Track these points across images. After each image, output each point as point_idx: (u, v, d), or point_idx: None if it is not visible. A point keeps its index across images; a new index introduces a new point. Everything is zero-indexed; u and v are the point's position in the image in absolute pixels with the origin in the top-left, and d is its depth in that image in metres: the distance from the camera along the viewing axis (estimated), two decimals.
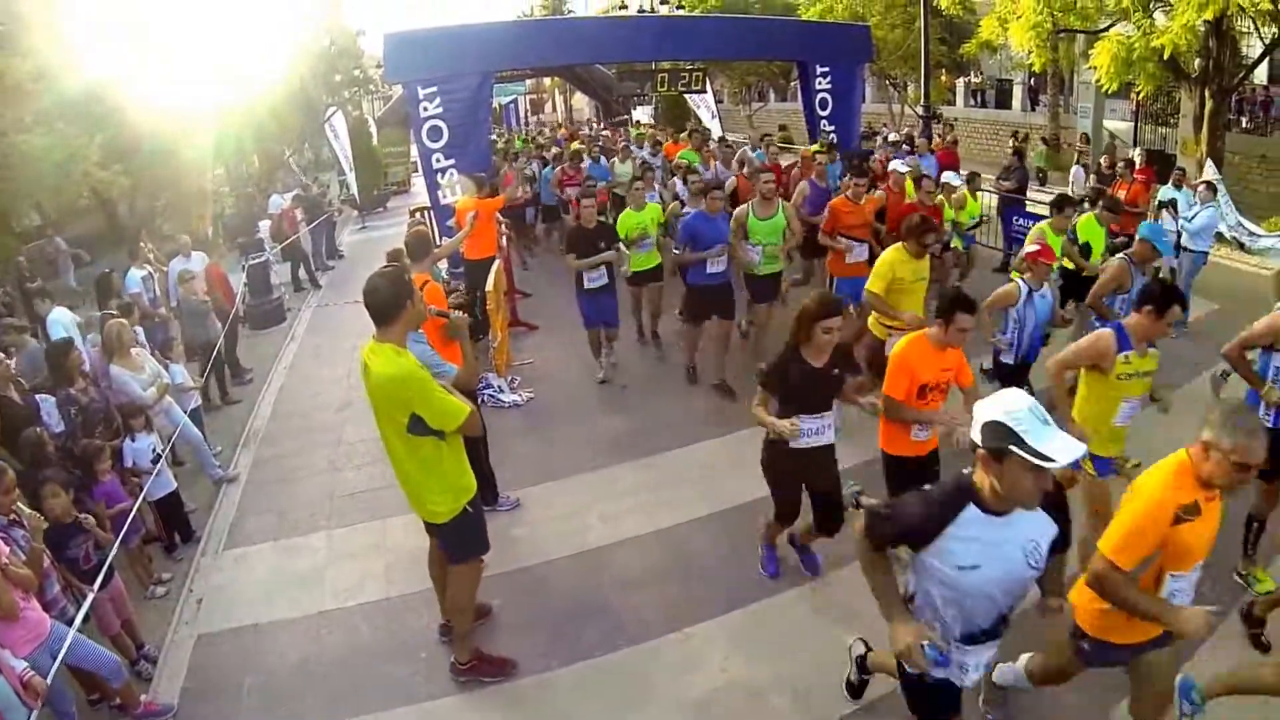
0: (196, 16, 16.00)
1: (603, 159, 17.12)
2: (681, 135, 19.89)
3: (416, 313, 4.85)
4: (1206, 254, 11.19)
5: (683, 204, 10.86)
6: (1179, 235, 11.33)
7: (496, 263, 10.65)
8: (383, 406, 4.71)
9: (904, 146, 15.54)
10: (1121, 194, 12.32)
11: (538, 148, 22.50)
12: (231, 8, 17.12)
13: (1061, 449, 3.01)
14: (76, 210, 20.33)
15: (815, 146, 14.23)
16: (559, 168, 16.57)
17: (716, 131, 24.63)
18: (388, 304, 4.64)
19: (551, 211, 16.95)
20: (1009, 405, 3.12)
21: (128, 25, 15.48)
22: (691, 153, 15.95)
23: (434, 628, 6.00)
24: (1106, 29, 16.19)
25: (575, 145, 19.86)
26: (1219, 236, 12.62)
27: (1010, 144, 18.90)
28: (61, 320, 9.47)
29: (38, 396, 7.47)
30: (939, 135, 18.56)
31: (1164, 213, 11.96)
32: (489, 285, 10.03)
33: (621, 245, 9.92)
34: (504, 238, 12.26)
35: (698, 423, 8.94)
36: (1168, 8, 14.65)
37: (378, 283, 4.68)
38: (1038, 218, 12.87)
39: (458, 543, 5.23)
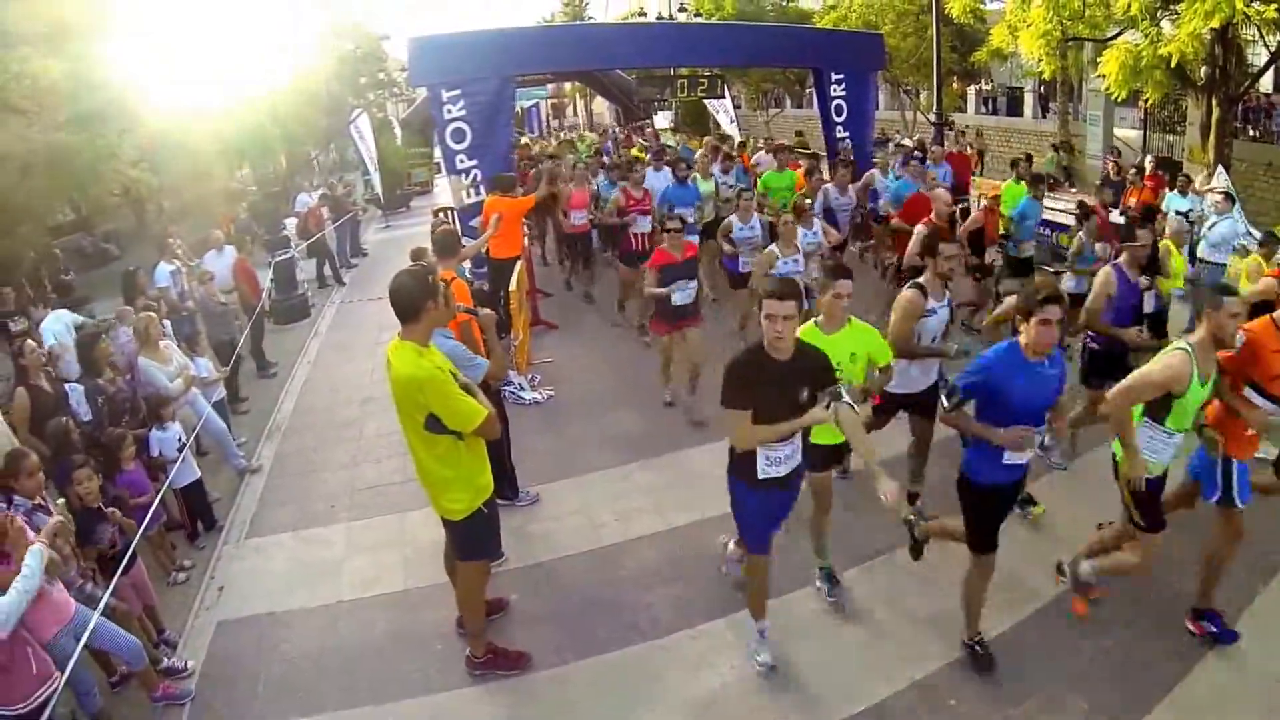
0: (222, 20, 16.00)
1: (694, 180, 12.14)
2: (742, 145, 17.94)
3: (442, 313, 4.80)
4: (1225, 266, 10.68)
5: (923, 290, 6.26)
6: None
7: (519, 263, 10.59)
8: (402, 404, 4.68)
9: (915, 153, 15.38)
10: (1133, 201, 12.20)
11: (595, 154, 18.36)
12: (257, 12, 17.12)
13: None
14: (106, 207, 20.44)
15: (1012, 183, 12.24)
16: (619, 187, 12.28)
17: (737, 137, 24.51)
18: (412, 303, 4.61)
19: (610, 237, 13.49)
20: None
21: (157, 28, 15.52)
22: (788, 175, 12.54)
23: (450, 621, 5.94)
24: (1114, 37, 16.02)
25: (633, 152, 17.64)
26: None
27: (1053, 154, 18.79)
28: (53, 328, 9.38)
29: (67, 386, 7.50)
30: (968, 144, 18.37)
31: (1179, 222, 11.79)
32: (512, 285, 9.98)
33: (846, 388, 4.83)
34: (526, 238, 12.13)
35: (711, 423, 8.82)
36: (1174, 16, 14.47)
37: (404, 281, 4.65)
38: (1054, 225, 12.69)
39: (468, 542, 5.19)
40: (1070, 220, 12.43)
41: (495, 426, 4.82)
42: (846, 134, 15.13)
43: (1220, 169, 14.30)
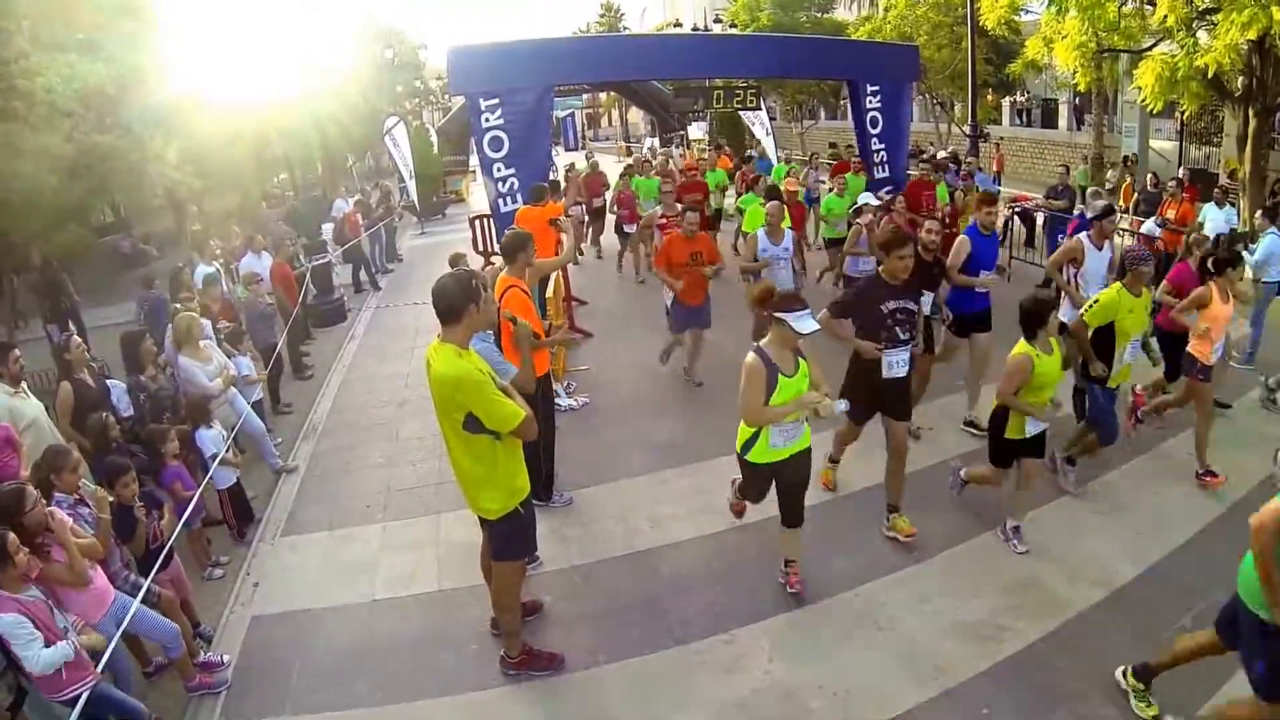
0: (264, 29, 16.22)
1: None
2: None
3: (482, 317, 4.84)
4: (1278, 284, 10.17)
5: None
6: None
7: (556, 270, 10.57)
8: (441, 404, 4.72)
9: (951, 165, 15.28)
10: (1171, 213, 12.04)
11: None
12: (298, 22, 17.33)
13: None
14: (146, 209, 20.79)
15: None
16: None
17: (771, 150, 24.44)
18: (453, 305, 4.67)
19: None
20: None
21: (203, 37, 15.76)
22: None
23: (484, 621, 5.94)
24: (1150, 48, 15.87)
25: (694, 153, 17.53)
26: None
27: (1084, 167, 18.50)
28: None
29: (109, 381, 7.62)
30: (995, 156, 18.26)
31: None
32: (549, 292, 9.98)
33: None
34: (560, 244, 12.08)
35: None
36: (1211, 27, 14.31)
37: (447, 283, 4.73)
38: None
39: (503, 541, 5.19)
40: None
41: (533, 428, 4.83)
42: (882, 146, 15.03)
43: None
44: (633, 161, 19.06)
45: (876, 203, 10.71)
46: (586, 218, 16.57)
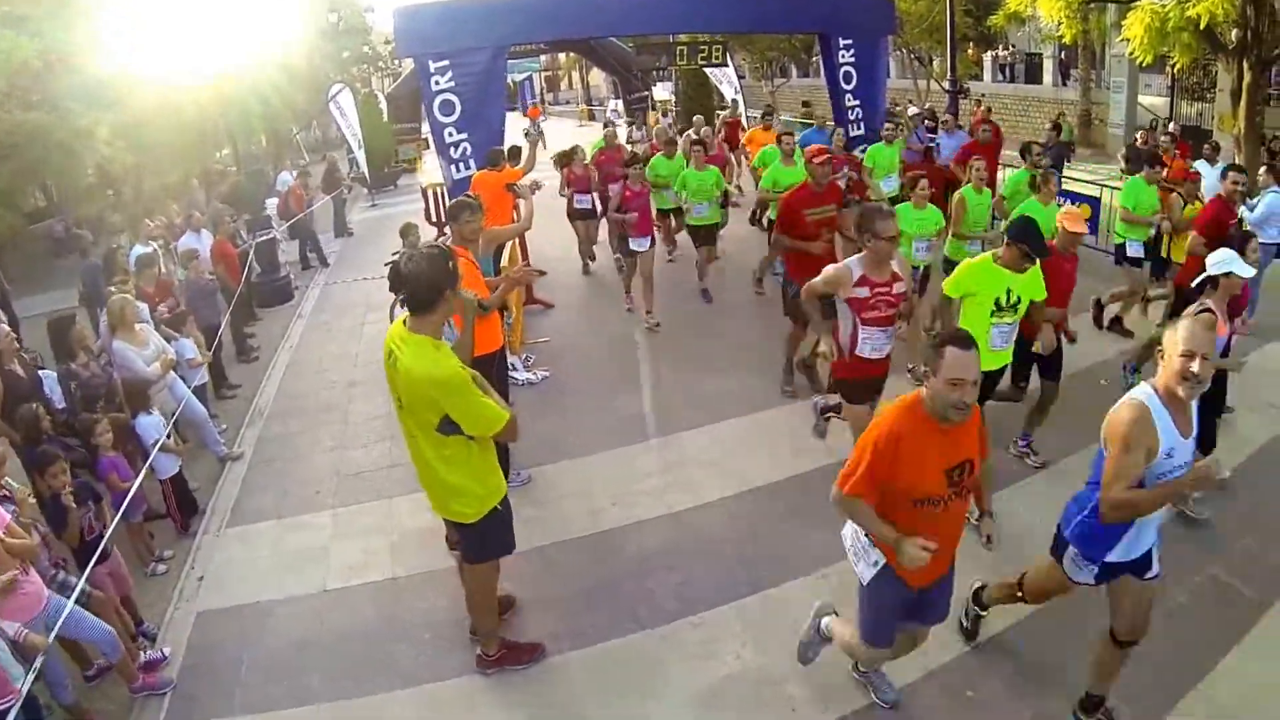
0: None
1: None
2: None
3: (457, 302, 4.58)
4: (1278, 245, 10.10)
5: None
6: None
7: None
8: (415, 404, 4.45)
9: (925, 122, 15.27)
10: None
11: None
12: None
13: None
14: (79, 190, 20.56)
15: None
16: None
17: (742, 109, 24.30)
18: (427, 291, 4.35)
19: None
20: None
21: (137, 4, 15.54)
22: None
23: (439, 609, 5.96)
24: None
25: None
26: None
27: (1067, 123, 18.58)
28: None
29: (41, 372, 7.51)
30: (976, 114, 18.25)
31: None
32: (504, 261, 9.93)
33: None
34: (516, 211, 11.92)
35: (717, 404, 8.79)
36: None
37: (420, 265, 4.31)
38: (1073, 195, 12.62)
39: (480, 544, 5.04)
40: (1093, 191, 12.33)
41: (516, 430, 4.66)
42: (857, 103, 15.01)
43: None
44: (657, 139, 15.40)
45: (1249, 273, 6.23)
46: (600, 209, 13.83)
